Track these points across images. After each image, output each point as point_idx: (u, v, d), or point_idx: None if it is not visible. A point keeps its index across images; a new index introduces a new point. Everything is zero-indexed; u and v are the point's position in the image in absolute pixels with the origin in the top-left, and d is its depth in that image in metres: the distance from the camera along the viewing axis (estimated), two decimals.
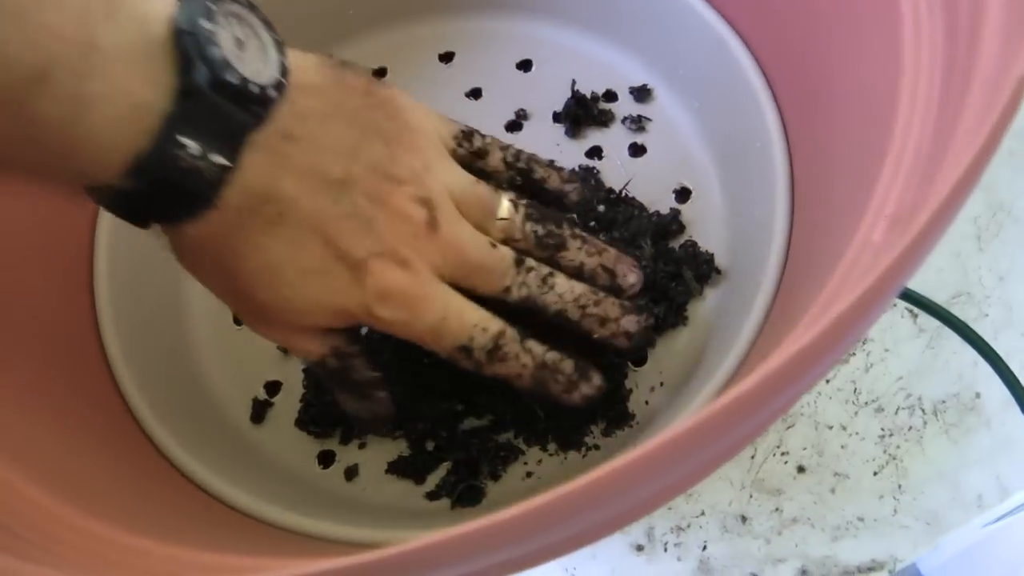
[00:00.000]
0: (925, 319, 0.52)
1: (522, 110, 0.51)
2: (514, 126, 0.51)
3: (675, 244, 0.46)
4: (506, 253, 0.36)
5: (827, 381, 0.52)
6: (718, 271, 0.45)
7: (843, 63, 0.39)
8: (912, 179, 0.31)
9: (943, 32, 0.31)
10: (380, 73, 0.53)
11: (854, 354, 0.53)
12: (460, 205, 0.36)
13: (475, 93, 0.52)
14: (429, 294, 0.34)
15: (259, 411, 0.45)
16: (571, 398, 0.37)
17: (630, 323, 0.38)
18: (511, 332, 0.36)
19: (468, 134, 0.39)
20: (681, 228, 0.46)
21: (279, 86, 0.30)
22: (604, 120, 0.49)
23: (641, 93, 0.50)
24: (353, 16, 0.53)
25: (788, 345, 0.22)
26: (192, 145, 0.28)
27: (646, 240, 0.45)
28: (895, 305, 0.53)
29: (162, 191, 0.29)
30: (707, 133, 0.48)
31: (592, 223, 0.46)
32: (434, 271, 0.34)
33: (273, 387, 0.46)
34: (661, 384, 0.43)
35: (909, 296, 0.49)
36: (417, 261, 0.34)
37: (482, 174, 0.39)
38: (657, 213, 0.46)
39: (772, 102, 0.44)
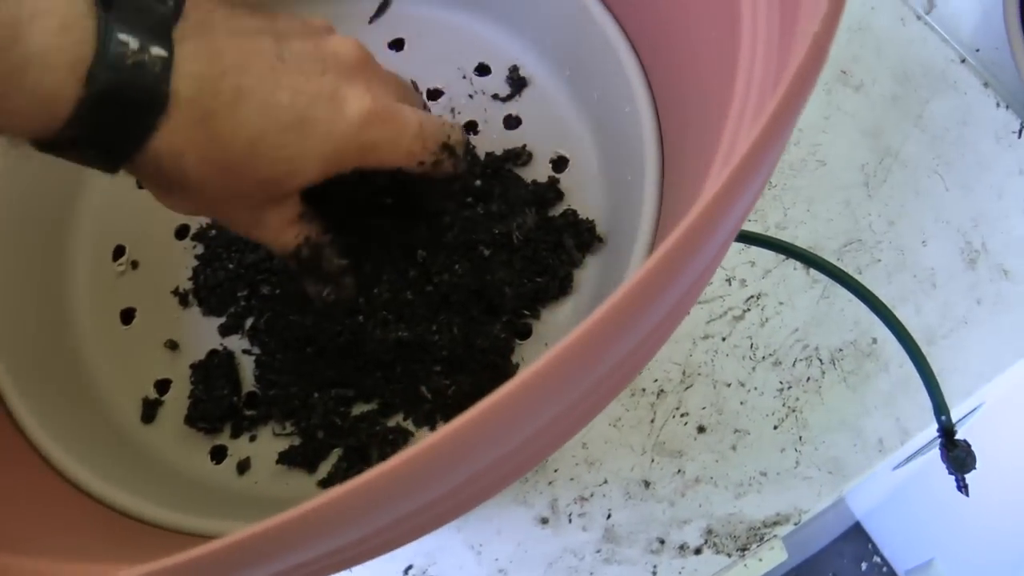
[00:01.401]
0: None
1: None
2: None
3: (555, 213, 0.46)
4: None
5: (723, 339, 0.52)
6: (600, 239, 0.45)
7: (697, 23, 0.39)
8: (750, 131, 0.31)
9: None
10: None
11: (749, 310, 0.53)
12: None
13: None
14: (400, 109, 0.37)
15: (149, 411, 0.45)
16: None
17: None
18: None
19: None
20: (559, 196, 0.46)
21: None
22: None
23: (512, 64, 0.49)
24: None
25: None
26: (131, 40, 0.30)
27: (529, 209, 0.44)
28: (785, 259, 0.53)
29: (117, 98, 0.30)
30: (580, 100, 0.48)
31: (469, 198, 0.45)
32: (391, 95, 0.38)
33: (163, 385, 0.46)
34: None
35: (794, 252, 0.49)
36: (377, 86, 0.37)
37: None
38: (534, 182, 0.46)
39: (638, 66, 0.44)
